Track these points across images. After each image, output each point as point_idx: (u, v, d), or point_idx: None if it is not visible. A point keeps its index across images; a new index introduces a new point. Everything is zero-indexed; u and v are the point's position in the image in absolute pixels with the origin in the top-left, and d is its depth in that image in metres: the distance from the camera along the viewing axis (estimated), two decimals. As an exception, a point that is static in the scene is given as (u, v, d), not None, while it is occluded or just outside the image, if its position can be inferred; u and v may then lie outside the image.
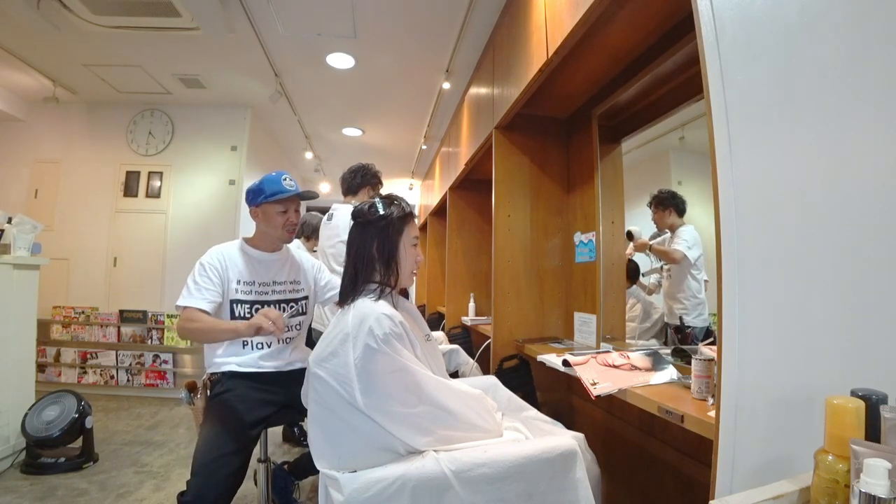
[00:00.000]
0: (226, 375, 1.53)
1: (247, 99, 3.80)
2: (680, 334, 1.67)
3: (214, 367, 1.54)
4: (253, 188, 1.60)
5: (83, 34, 2.73)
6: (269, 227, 1.60)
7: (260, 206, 1.58)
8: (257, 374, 1.55)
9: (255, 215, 1.62)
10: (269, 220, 1.59)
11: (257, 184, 1.59)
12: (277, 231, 1.60)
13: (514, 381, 1.94)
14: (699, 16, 0.83)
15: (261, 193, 1.57)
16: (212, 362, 1.56)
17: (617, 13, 1.38)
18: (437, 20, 2.58)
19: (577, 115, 2.18)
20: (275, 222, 1.59)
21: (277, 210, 1.59)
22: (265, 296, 1.60)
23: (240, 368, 1.54)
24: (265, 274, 1.62)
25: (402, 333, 1.09)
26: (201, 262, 1.53)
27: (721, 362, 0.76)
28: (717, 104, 0.79)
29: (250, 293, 1.57)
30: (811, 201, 0.70)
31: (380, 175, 2.48)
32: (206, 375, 1.58)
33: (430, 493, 0.96)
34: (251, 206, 1.60)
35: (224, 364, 1.53)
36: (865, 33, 0.64)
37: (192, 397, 1.56)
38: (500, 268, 2.13)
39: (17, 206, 3.61)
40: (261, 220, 1.61)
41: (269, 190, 1.56)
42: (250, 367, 1.55)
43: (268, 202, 1.57)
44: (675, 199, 1.81)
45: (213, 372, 1.55)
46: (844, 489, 0.49)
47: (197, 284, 1.48)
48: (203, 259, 1.54)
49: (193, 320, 1.42)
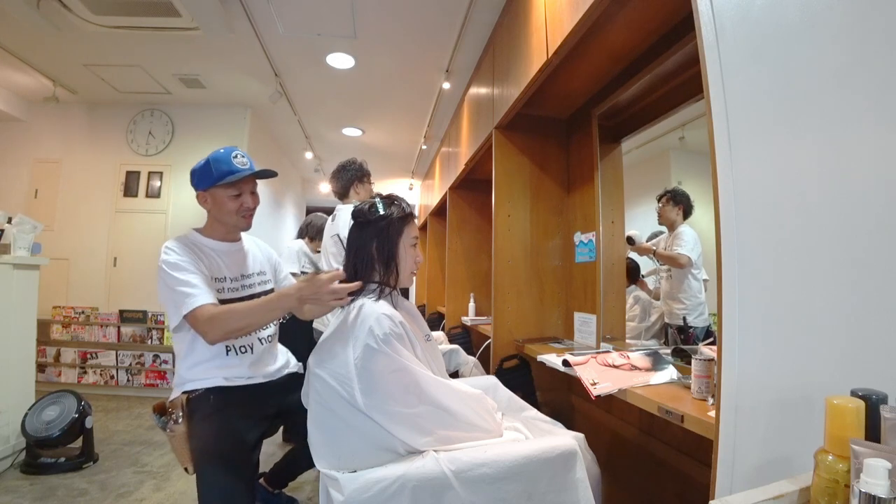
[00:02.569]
0: (211, 393, 1.29)
1: (247, 99, 3.80)
2: (683, 334, 1.67)
3: (192, 384, 1.30)
4: (198, 169, 1.34)
5: (83, 34, 2.73)
6: (221, 215, 1.37)
7: (208, 190, 1.34)
8: (249, 387, 1.34)
9: (204, 201, 1.37)
10: (220, 207, 1.35)
11: (202, 164, 1.34)
12: (232, 218, 1.37)
13: (514, 381, 1.94)
14: (699, 16, 0.83)
15: (208, 176, 1.32)
16: (187, 378, 1.31)
17: (617, 13, 1.38)
18: (437, 20, 2.58)
19: (577, 115, 2.18)
20: (227, 208, 1.35)
21: (229, 194, 1.34)
22: (239, 292, 1.40)
23: (228, 383, 1.31)
24: (234, 267, 1.42)
25: (402, 333, 1.09)
26: (173, 262, 1.25)
27: (721, 362, 0.76)
28: (717, 104, 0.79)
29: (223, 291, 1.37)
30: (811, 201, 0.70)
31: (364, 166, 2.38)
32: (181, 394, 1.31)
33: (430, 493, 0.96)
34: (198, 190, 1.36)
35: (205, 379, 1.30)
36: (865, 33, 0.64)
37: (167, 423, 1.31)
38: (500, 268, 2.13)
39: (17, 206, 3.61)
40: (211, 207, 1.37)
41: (217, 171, 1.31)
42: (240, 379, 1.33)
43: (217, 186, 1.32)
44: (688, 199, 1.84)
45: (192, 389, 1.30)
46: (844, 489, 0.49)
47: (189, 283, 1.22)
48: (169, 258, 1.26)
49: (219, 313, 1.19)
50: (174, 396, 1.33)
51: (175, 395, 1.33)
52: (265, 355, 1.43)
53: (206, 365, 1.31)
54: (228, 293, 1.37)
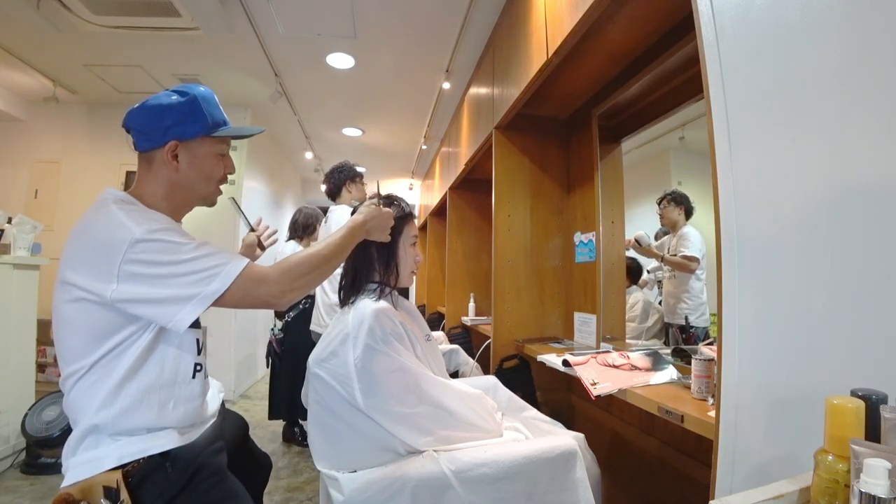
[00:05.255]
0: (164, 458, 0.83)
1: (247, 99, 3.80)
2: (685, 334, 1.67)
3: (132, 452, 0.82)
4: (174, 106, 0.91)
5: (83, 34, 2.72)
6: (193, 179, 0.95)
7: (188, 142, 0.93)
8: (211, 433, 0.96)
9: (170, 156, 0.92)
10: (198, 167, 0.95)
11: (184, 101, 0.92)
12: (209, 186, 0.98)
13: (514, 381, 1.94)
14: (699, 16, 0.83)
15: (195, 119, 0.93)
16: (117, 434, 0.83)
17: (617, 13, 1.38)
18: (437, 20, 2.58)
19: (577, 115, 2.18)
20: (208, 171, 0.96)
21: (217, 151, 0.97)
22: None
23: (183, 440, 0.86)
24: None
25: (402, 333, 1.09)
26: (168, 229, 0.84)
27: (721, 362, 0.76)
28: (717, 104, 0.79)
29: None
30: (811, 201, 0.70)
31: (356, 168, 2.47)
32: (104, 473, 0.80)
33: (430, 493, 0.96)
34: (163, 140, 0.91)
35: (152, 439, 0.83)
36: (865, 33, 0.64)
37: None
38: (500, 268, 2.13)
39: (17, 206, 3.61)
40: (180, 166, 0.93)
41: (210, 116, 0.94)
42: (196, 428, 0.92)
43: (205, 138, 0.95)
44: (688, 200, 1.86)
45: (135, 460, 0.81)
46: (844, 489, 0.49)
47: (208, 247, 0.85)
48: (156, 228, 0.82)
49: (277, 264, 0.88)
50: (81, 479, 0.78)
51: (83, 476, 0.78)
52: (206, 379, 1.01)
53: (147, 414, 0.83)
54: None
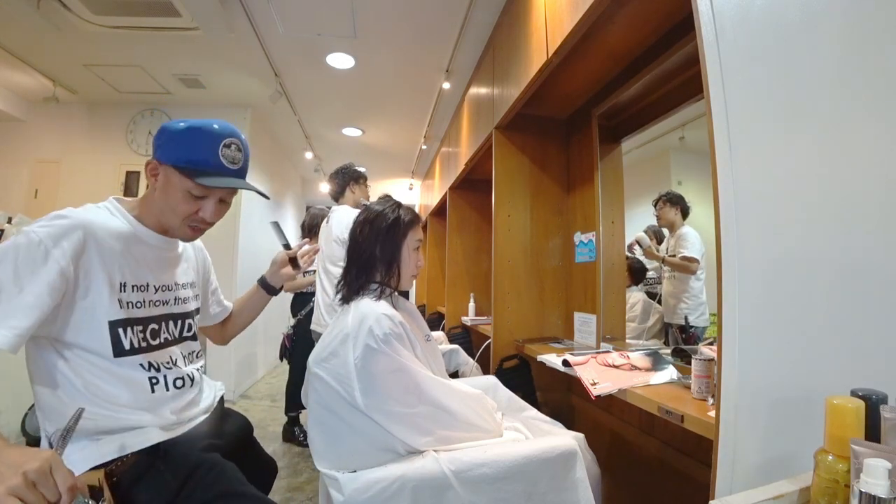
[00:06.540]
0: (151, 457, 0.86)
1: (247, 99, 3.80)
2: (685, 334, 1.68)
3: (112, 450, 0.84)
4: (173, 132, 0.93)
5: (83, 34, 2.72)
6: (164, 207, 0.95)
7: (165, 165, 0.93)
8: (193, 433, 0.97)
9: (153, 175, 0.95)
10: (166, 194, 0.94)
11: (180, 129, 0.92)
12: (173, 220, 0.96)
13: (514, 381, 1.94)
14: (699, 16, 0.83)
15: (175, 149, 0.92)
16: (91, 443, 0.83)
17: (617, 13, 1.38)
18: (437, 20, 2.58)
19: (577, 115, 2.17)
20: (174, 205, 0.94)
21: (187, 188, 0.93)
22: (163, 307, 0.99)
23: (166, 434, 0.90)
24: (163, 270, 1.00)
25: (402, 333, 1.09)
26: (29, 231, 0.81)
27: (721, 362, 0.76)
28: (717, 104, 0.79)
29: (143, 304, 0.94)
30: (811, 201, 0.70)
31: (359, 170, 2.48)
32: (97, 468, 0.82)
33: (430, 493, 0.96)
34: (155, 155, 0.95)
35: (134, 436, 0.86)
36: (865, 33, 0.64)
37: None
38: (500, 268, 2.13)
39: (17, 206, 3.61)
40: (159, 188, 0.94)
41: (190, 154, 0.91)
42: (181, 425, 0.95)
43: (179, 170, 0.92)
44: (684, 201, 1.88)
45: (116, 458, 0.83)
46: (844, 489, 0.49)
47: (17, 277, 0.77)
48: (35, 228, 0.82)
49: None
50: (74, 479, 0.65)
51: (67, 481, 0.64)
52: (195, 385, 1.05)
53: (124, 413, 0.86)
54: (150, 307, 0.96)
